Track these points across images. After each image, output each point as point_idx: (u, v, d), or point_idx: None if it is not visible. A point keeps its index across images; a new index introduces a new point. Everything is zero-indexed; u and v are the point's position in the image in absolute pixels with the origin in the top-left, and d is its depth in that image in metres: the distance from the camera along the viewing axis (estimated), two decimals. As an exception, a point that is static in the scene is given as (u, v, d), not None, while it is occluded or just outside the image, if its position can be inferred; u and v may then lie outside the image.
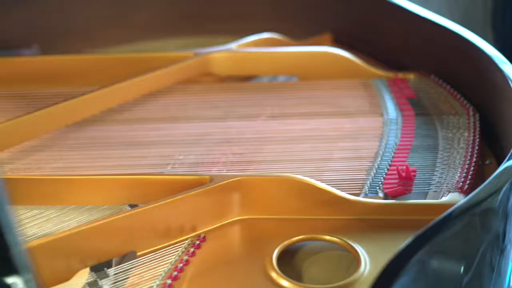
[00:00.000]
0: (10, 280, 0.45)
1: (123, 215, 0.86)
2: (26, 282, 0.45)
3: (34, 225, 0.90)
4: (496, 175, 0.82)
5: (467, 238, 0.83)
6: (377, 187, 0.95)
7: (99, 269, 0.84)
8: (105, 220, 0.85)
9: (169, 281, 0.82)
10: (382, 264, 0.76)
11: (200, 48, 1.27)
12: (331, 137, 1.08)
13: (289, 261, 0.87)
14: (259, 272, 0.84)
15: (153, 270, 0.84)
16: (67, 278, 0.83)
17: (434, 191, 0.95)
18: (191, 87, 1.22)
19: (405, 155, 1.02)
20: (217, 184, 0.90)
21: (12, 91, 1.19)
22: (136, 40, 1.44)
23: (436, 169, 0.99)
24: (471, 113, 1.10)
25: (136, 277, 0.83)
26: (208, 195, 0.90)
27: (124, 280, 0.83)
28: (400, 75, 1.23)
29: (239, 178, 0.91)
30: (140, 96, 1.18)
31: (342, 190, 0.93)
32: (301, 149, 1.05)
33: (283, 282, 0.82)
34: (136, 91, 1.18)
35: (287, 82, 1.26)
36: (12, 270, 0.45)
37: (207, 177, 0.91)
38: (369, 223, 0.91)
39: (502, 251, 0.86)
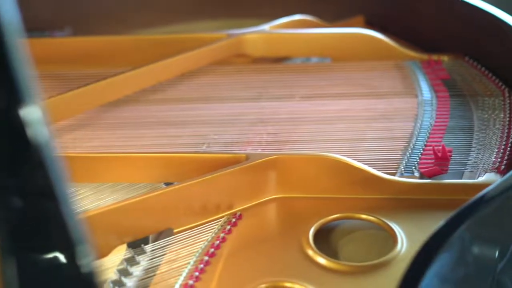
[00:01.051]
0: (68, 252, 0.46)
1: (160, 192, 0.87)
2: (83, 253, 0.45)
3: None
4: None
5: (503, 220, 0.82)
6: (413, 167, 0.95)
7: (136, 245, 0.84)
8: (142, 197, 0.86)
9: (206, 258, 0.82)
10: (419, 243, 0.76)
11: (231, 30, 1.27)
12: (365, 117, 1.08)
13: (325, 239, 0.87)
14: (295, 249, 0.84)
15: (190, 247, 0.85)
16: (104, 254, 0.84)
17: (470, 171, 0.94)
18: (224, 68, 1.22)
19: (440, 135, 1.02)
20: (253, 163, 0.90)
21: (47, 72, 1.19)
22: (166, 23, 1.43)
23: (472, 150, 0.99)
24: (507, 94, 1.09)
25: (173, 254, 0.84)
26: (244, 173, 0.90)
27: (161, 257, 0.83)
28: (434, 57, 1.22)
29: (275, 156, 0.91)
30: (173, 77, 1.18)
31: (377, 169, 0.92)
32: (335, 129, 1.05)
33: (320, 259, 0.82)
34: (169, 72, 1.18)
35: (320, 63, 1.25)
36: (70, 242, 0.46)
37: (243, 155, 0.92)
38: (405, 202, 0.91)
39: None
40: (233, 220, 0.89)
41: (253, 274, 0.81)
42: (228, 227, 0.88)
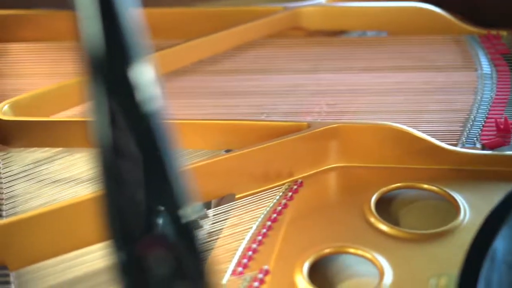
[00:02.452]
0: (174, 212, 0.47)
1: (223, 157, 0.87)
2: (188, 212, 0.46)
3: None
4: None
5: None
6: (475, 139, 0.94)
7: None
8: (204, 162, 0.86)
9: (268, 223, 0.83)
10: (482, 213, 0.75)
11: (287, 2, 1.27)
12: (424, 90, 1.08)
13: (386, 209, 0.87)
14: (357, 217, 0.84)
15: (252, 212, 0.85)
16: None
17: (532, 144, 0.94)
18: (280, 41, 1.22)
19: (501, 108, 1.01)
20: (315, 130, 0.90)
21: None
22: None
23: (534, 122, 0.98)
24: None
25: (236, 218, 0.84)
26: (306, 141, 0.90)
27: (224, 221, 0.84)
28: (493, 31, 1.20)
29: (337, 125, 0.91)
30: (230, 48, 1.19)
31: (438, 141, 0.92)
32: (394, 101, 1.05)
33: (382, 226, 0.82)
34: (226, 44, 1.18)
35: (377, 37, 1.25)
36: (176, 202, 0.47)
37: (305, 123, 0.92)
38: (467, 173, 0.90)
39: None
40: (294, 187, 0.89)
41: (316, 239, 0.81)
42: (290, 194, 0.88)
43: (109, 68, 0.47)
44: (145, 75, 0.47)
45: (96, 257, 0.82)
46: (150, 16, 1.25)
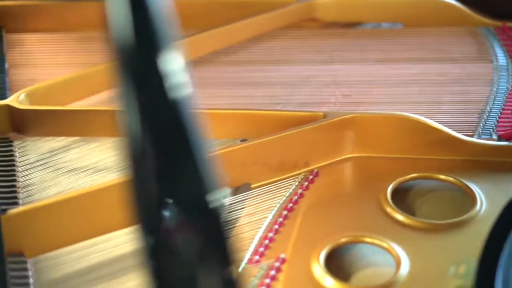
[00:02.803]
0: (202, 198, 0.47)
1: (239, 147, 0.87)
2: (216, 199, 0.46)
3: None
4: None
5: None
6: (491, 130, 0.94)
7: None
8: (221, 151, 0.86)
9: (284, 212, 0.83)
10: (499, 204, 0.75)
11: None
12: (439, 81, 1.08)
13: (401, 199, 0.87)
14: (373, 206, 0.84)
15: (268, 201, 0.85)
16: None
17: (549, 136, 0.93)
18: (294, 32, 1.22)
19: (518, 100, 1.01)
20: (331, 120, 0.90)
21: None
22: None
23: (551, 115, 0.97)
24: None
25: (252, 208, 0.85)
26: (322, 131, 0.90)
27: (240, 210, 0.84)
28: (509, 23, 1.20)
29: (353, 115, 0.91)
30: (244, 39, 1.19)
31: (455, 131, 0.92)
32: (409, 92, 1.05)
33: (398, 216, 0.82)
34: (240, 35, 1.18)
35: (391, 28, 1.25)
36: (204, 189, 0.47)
37: (321, 113, 0.92)
38: (483, 164, 0.90)
39: None
40: (310, 177, 0.89)
41: (332, 229, 0.81)
42: (306, 183, 0.88)
43: (138, 56, 0.47)
44: (174, 63, 0.47)
45: (112, 245, 0.82)
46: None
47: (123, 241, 0.82)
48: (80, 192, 0.82)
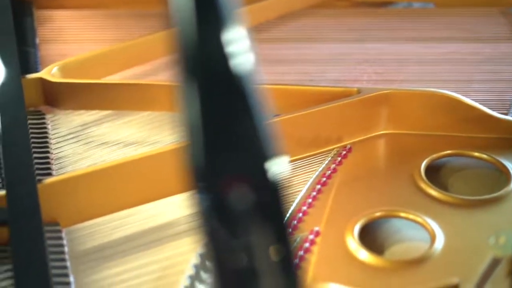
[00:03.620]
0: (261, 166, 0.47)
1: (274, 120, 0.87)
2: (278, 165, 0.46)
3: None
4: None
5: None
6: (525, 108, 0.94)
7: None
8: (255, 126, 0.86)
9: (318, 186, 0.83)
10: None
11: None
12: (471, 60, 1.07)
13: (434, 176, 0.86)
14: (407, 182, 0.84)
15: (301, 176, 0.85)
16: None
17: None
18: (325, 11, 1.22)
19: (552, 79, 1.00)
20: (365, 96, 0.90)
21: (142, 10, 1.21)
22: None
23: None
24: None
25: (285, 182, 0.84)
26: (355, 107, 0.90)
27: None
28: (541, 3, 1.19)
29: (388, 91, 0.91)
30: (276, 17, 1.18)
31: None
32: (442, 70, 1.04)
33: (433, 192, 0.82)
34: (272, 12, 1.18)
35: (423, 8, 1.24)
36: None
37: (355, 89, 0.91)
38: (517, 142, 0.90)
39: None
40: (343, 152, 0.89)
41: (366, 203, 0.81)
42: (339, 158, 0.88)
43: (199, 28, 0.47)
44: (235, 35, 0.47)
45: (144, 216, 0.82)
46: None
47: (157, 212, 0.82)
48: (114, 163, 0.83)
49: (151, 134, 0.94)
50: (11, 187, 0.74)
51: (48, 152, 0.92)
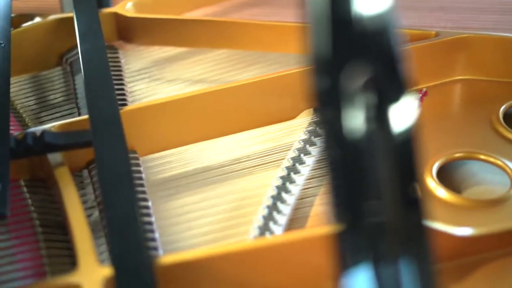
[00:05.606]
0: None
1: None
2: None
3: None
4: None
5: None
6: None
7: (324, 110, 0.85)
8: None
9: (394, 127, 0.82)
10: None
11: None
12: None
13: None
14: (485, 126, 0.83)
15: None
16: (293, 116, 0.85)
17: None
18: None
19: None
20: (443, 39, 0.89)
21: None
22: None
23: None
24: None
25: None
26: (433, 50, 0.89)
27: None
28: None
29: (467, 35, 0.89)
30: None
31: None
32: (518, 19, 1.02)
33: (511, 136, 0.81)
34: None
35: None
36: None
37: (433, 32, 0.90)
38: None
39: None
40: (419, 95, 0.88)
41: (444, 145, 0.80)
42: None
43: None
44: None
45: (221, 149, 0.83)
46: None
47: (234, 146, 0.83)
48: (193, 94, 0.83)
49: (224, 73, 0.94)
50: (93, 111, 0.75)
51: (123, 84, 0.92)
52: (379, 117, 0.45)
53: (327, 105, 0.44)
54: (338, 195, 0.46)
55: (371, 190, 0.46)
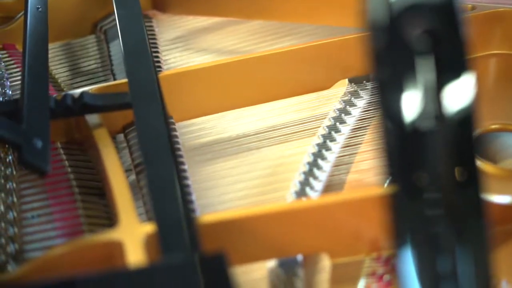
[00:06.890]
0: None
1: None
2: None
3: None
4: None
5: None
6: None
7: (358, 81, 0.85)
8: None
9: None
10: None
11: None
12: None
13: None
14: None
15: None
16: (327, 87, 0.85)
17: None
18: None
19: None
20: (480, 13, 0.88)
21: None
22: None
23: None
24: None
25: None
26: (468, 23, 0.88)
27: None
28: None
29: (502, 9, 0.89)
30: None
31: None
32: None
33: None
34: None
35: None
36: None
37: (469, 5, 0.89)
38: None
39: None
40: (454, 69, 0.88)
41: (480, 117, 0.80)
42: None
43: None
44: None
45: (256, 117, 0.83)
46: None
47: (270, 114, 0.83)
48: (228, 61, 0.83)
49: (255, 43, 0.94)
50: (132, 75, 0.75)
51: (157, 52, 0.93)
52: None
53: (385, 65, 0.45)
54: (392, 164, 0.46)
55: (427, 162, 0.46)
